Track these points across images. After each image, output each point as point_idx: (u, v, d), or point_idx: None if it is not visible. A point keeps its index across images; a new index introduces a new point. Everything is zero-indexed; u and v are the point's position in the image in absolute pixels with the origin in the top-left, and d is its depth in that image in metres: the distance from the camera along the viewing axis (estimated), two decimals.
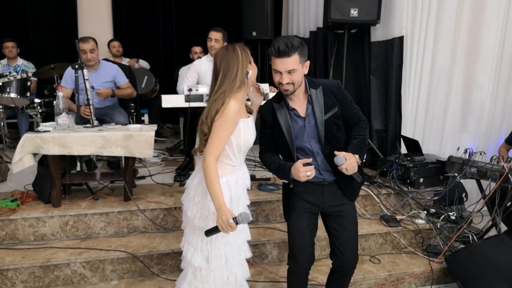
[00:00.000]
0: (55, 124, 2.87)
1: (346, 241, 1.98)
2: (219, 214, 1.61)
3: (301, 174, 1.76)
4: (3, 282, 2.44)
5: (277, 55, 1.75)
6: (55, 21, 5.82)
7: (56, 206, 2.80)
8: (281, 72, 1.77)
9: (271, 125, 1.91)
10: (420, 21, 3.63)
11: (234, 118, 1.69)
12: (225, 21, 5.72)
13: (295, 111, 1.89)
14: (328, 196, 1.94)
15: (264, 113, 1.94)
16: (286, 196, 2.02)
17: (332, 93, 1.89)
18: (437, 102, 3.84)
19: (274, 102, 1.91)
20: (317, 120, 1.86)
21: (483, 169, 2.95)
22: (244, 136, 1.74)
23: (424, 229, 3.05)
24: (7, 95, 4.11)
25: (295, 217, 1.98)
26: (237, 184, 1.79)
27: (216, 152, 1.69)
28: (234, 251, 1.81)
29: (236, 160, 1.78)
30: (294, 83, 1.79)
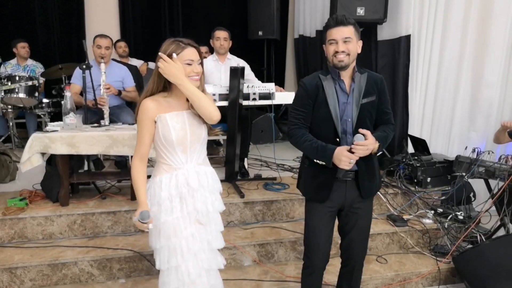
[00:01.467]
0: (63, 124, 2.89)
1: (358, 239, 2.01)
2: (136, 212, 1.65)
3: (344, 158, 1.70)
4: (12, 280, 2.46)
5: (334, 24, 1.78)
6: (63, 22, 5.85)
7: (64, 205, 2.82)
8: (337, 42, 1.78)
9: (313, 97, 1.85)
10: (428, 19, 3.61)
11: (146, 114, 1.66)
12: (231, 20, 5.73)
13: (342, 83, 1.86)
14: (350, 193, 1.92)
15: (307, 83, 1.88)
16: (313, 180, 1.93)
17: (375, 83, 1.90)
18: (445, 101, 3.81)
19: (321, 74, 1.88)
20: (355, 101, 1.85)
21: (491, 169, 2.92)
22: (162, 132, 1.67)
23: (431, 229, 3.03)
24: (16, 95, 4.15)
25: (316, 217, 1.96)
26: (170, 184, 1.70)
27: (138, 152, 1.70)
28: (186, 258, 1.71)
29: (170, 159, 1.71)
30: (349, 53, 1.79)
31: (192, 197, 1.73)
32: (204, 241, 1.78)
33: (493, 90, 3.69)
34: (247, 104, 3.28)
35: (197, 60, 1.68)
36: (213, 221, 1.81)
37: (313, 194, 1.96)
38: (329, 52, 1.82)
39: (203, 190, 1.76)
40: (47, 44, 5.83)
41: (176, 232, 1.70)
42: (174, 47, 1.65)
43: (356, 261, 2.06)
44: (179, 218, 1.71)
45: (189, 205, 1.73)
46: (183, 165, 1.72)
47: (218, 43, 3.69)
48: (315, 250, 1.98)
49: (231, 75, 3.14)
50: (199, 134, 1.73)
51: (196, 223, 1.76)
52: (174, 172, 1.71)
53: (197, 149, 1.75)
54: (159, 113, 1.66)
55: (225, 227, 2.90)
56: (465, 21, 3.64)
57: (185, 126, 1.69)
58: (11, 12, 5.62)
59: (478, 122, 3.78)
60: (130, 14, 6.08)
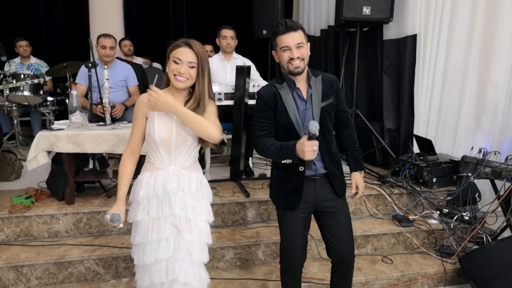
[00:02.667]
0: (69, 122, 2.90)
1: (342, 236, 1.98)
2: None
3: (307, 149, 1.61)
4: (18, 278, 2.47)
5: (285, 31, 1.77)
6: (68, 20, 5.87)
7: (70, 204, 2.83)
8: (290, 49, 1.77)
9: (273, 106, 1.85)
10: (434, 18, 3.59)
11: (139, 110, 1.68)
12: (235, 19, 5.71)
13: (299, 91, 1.86)
14: (320, 192, 1.92)
15: (264, 94, 1.87)
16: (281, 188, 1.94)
17: (330, 84, 1.91)
18: (451, 101, 3.79)
19: (276, 83, 1.88)
20: (314, 105, 1.85)
21: (497, 169, 2.90)
22: (148, 129, 1.68)
23: (437, 230, 3.02)
24: (21, 94, 4.16)
25: (290, 220, 1.95)
26: (149, 183, 1.68)
27: (128, 146, 1.73)
28: (154, 262, 1.67)
29: (154, 157, 1.70)
30: (304, 58, 1.79)
31: (168, 200, 1.67)
32: (181, 250, 1.68)
33: (499, 90, 3.67)
34: (252, 104, 3.27)
35: (188, 62, 1.60)
36: (196, 230, 1.70)
37: (283, 203, 1.96)
38: (283, 59, 1.80)
39: (183, 195, 1.69)
40: (51, 42, 5.85)
41: (149, 232, 1.68)
42: (173, 45, 1.64)
43: (348, 261, 2.03)
44: (154, 219, 1.68)
45: (166, 208, 1.67)
46: (166, 166, 1.69)
47: (224, 42, 3.69)
48: (292, 254, 1.98)
49: (237, 74, 3.14)
50: (185, 138, 1.68)
51: (172, 228, 1.68)
52: (155, 172, 1.70)
53: (182, 152, 1.70)
54: (151, 110, 1.65)
55: (230, 226, 2.95)
56: (472, 21, 3.62)
57: (171, 128, 1.66)
58: (16, 11, 5.64)
59: (484, 122, 3.76)
60: (135, 13, 6.09)
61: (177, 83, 1.62)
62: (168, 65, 1.63)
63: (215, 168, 3.89)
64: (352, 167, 2.05)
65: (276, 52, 1.85)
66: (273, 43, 1.84)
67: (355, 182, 2.02)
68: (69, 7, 5.82)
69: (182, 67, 1.60)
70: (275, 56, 1.87)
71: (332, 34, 4.75)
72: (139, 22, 6.13)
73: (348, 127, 2.04)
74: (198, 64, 1.62)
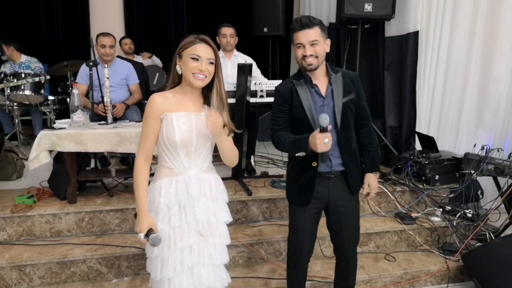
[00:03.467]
0: (70, 121, 2.89)
1: (347, 234, 2.01)
2: (136, 220, 1.53)
3: (318, 141, 1.62)
4: (21, 277, 2.47)
5: (299, 28, 1.77)
6: (68, 19, 5.85)
7: (72, 203, 2.82)
8: (304, 46, 1.78)
9: (289, 101, 1.87)
10: (436, 15, 3.58)
11: (153, 111, 1.55)
12: (236, 17, 5.69)
13: (316, 88, 1.86)
14: (334, 190, 1.92)
15: (281, 89, 1.90)
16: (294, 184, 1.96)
17: (351, 80, 1.91)
18: (453, 97, 3.78)
19: (293, 79, 1.89)
20: (335, 102, 1.85)
21: (500, 166, 2.90)
22: (166, 132, 1.56)
23: (440, 227, 3.01)
24: (22, 93, 4.15)
25: (300, 214, 1.97)
26: (169, 190, 1.59)
27: (142, 150, 1.58)
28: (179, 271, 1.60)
29: (172, 162, 1.60)
30: (317, 56, 1.79)
31: (192, 206, 1.60)
32: (205, 255, 1.63)
33: (501, 87, 3.66)
34: (254, 102, 3.27)
35: (207, 59, 1.53)
36: (217, 233, 1.66)
37: (295, 198, 1.98)
38: (297, 56, 1.82)
39: (205, 199, 1.63)
40: (52, 41, 5.83)
41: (171, 243, 1.58)
42: (187, 41, 1.56)
43: (349, 257, 2.08)
44: (175, 228, 1.59)
45: (189, 214, 1.60)
46: (186, 170, 1.61)
47: (224, 40, 3.67)
48: (299, 248, 2.01)
49: (239, 72, 3.13)
50: (206, 139, 1.61)
51: (196, 234, 1.62)
52: (175, 177, 1.60)
53: (202, 155, 1.63)
54: (166, 111, 1.55)
55: (232, 224, 2.94)
56: (474, 17, 3.61)
57: (192, 128, 1.57)
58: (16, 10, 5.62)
59: (486, 119, 3.75)
60: (135, 11, 6.07)
61: (197, 81, 1.54)
62: (183, 64, 1.54)
63: (217, 166, 3.78)
64: (367, 168, 2.02)
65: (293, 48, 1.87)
66: (291, 39, 1.85)
67: (368, 183, 2.00)
68: (69, 5, 5.80)
69: (203, 64, 1.52)
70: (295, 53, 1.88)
71: (333, 31, 4.73)
72: (139, 21, 6.11)
73: (366, 126, 2.01)
74: (216, 60, 1.57)
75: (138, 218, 1.53)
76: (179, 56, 1.57)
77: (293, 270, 2.10)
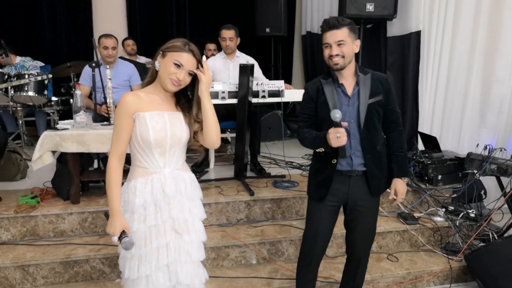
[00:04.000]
0: (73, 122, 2.90)
1: (362, 234, 2.05)
2: (108, 222, 1.52)
3: (331, 135, 1.70)
4: (25, 277, 2.48)
5: (327, 28, 1.82)
6: (71, 20, 5.89)
7: (75, 203, 2.83)
8: (330, 45, 1.81)
9: (315, 99, 1.91)
10: (438, 14, 3.57)
11: (124, 110, 1.53)
12: (238, 17, 5.70)
13: (342, 87, 1.88)
14: (354, 189, 1.94)
15: (309, 87, 1.96)
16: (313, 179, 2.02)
17: (380, 82, 1.92)
18: (455, 97, 3.77)
19: (322, 78, 1.93)
20: (361, 102, 1.86)
21: (503, 166, 2.89)
22: (139, 131, 1.54)
23: (442, 227, 3.01)
24: (25, 94, 4.17)
25: (317, 209, 1.99)
26: (145, 189, 1.58)
27: (115, 150, 1.56)
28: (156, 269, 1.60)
29: (146, 161, 1.59)
30: (344, 55, 1.81)
31: (168, 204, 1.60)
32: (182, 252, 1.64)
33: (504, 86, 3.64)
34: (256, 102, 3.27)
35: (188, 70, 1.54)
36: (193, 230, 1.67)
37: (313, 193, 2.03)
38: (324, 55, 1.87)
39: (180, 197, 1.64)
40: (54, 43, 5.86)
41: (147, 242, 1.58)
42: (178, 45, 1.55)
43: (361, 257, 2.11)
44: (151, 227, 1.59)
45: (164, 213, 1.60)
46: (161, 169, 1.60)
47: (224, 43, 3.68)
48: (314, 243, 2.03)
49: (241, 73, 3.13)
50: (180, 137, 1.61)
51: (172, 232, 1.63)
52: (149, 176, 1.59)
53: (176, 153, 1.64)
54: (138, 110, 1.54)
55: (234, 225, 2.95)
56: (476, 16, 3.60)
57: (166, 127, 1.57)
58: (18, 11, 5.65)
59: (489, 119, 3.74)
60: (137, 12, 6.10)
61: (172, 87, 1.55)
62: (164, 64, 1.54)
63: (219, 166, 3.89)
64: (395, 173, 2.01)
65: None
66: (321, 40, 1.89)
67: (395, 188, 2.00)
68: (72, 7, 5.84)
69: (182, 73, 1.54)
70: None
71: None
72: (142, 22, 6.14)
73: (395, 129, 2.00)
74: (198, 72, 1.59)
75: (111, 220, 1.53)
76: (163, 54, 1.57)
77: (303, 266, 2.11)
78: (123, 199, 1.60)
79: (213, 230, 2.83)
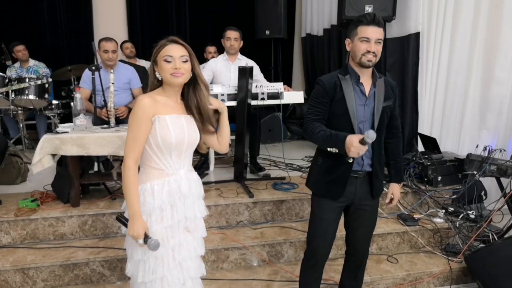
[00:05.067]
0: (73, 125, 2.92)
1: (362, 235, 2.05)
2: (130, 225, 1.53)
3: (353, 149, 1.64)
4: (25, 280, 2.49)
5: (371, 22, 1.78)
6: (71, 23, 5.91)
7: (75, 206, 2.84)
8: (369, 41, 1.78)
9: (331, 95, 1.85)
10: (437, 16, 3.57)
11: (143, 113, 1.54)
12: (238, 20, 5.72)
13: (361, 86, 1.87)
14: (360, 190, 1.94)
15: (325, 81, 1.88)
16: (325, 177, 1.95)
17: (391, 88, 1.94)
18: (455, 98, 3.77)
19: (339, 74, 1.89)
20: (376, 104, 1.86)
21: (503, 167, 2.88)
22: (160, 134, 1.56)
23: (442, 228, 3.00)
24: (26, 97, 4.19)
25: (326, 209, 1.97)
26: (163, 191, 1.60)
27: (132, 153, 1.56)
28: (171, 268, 1.63)
29: (164, 163, 1.61)
30: (377, 55, 1.81)
31: (183, 204, 1.65)
32: (191, 249, 1.70)
33: (504, 87, 3.63)
34: (255, 104, 3.28)
35: (179, 57, 1.57)
36: (199, 227, 1.75)
37: (325, 191, 1.96)
38: (359, 49, 1.80)
39: (192, 196, 1.70)
40: (55, 46, 5.89)
41: (164, 242, 1.60)
42: (158, 46, 1.61)
43: (362, 256, 2.11)
44: (167, 227, 1.62)
45: (180, 212, 1.64)
46: (176, 171, 1.64)
47: (228, 43, 3.69)
48: (321, 244, 2.02)
49: (240, 75, 3.15)
50: (195, 139, 1.67)
51: (184, 230, 1.68)
52: (166, 178, 1.62)
53: (189, 155, 1.69)
54: (156, 113, 1.57)
55: (234, 227, 2.95)
56: (475, 17, 3.59)
57: (184, 130, 1.61)
58: (20, 15, 5.68)
59: (489, 120, 3.73)
60: (138, 15, 6.12)
61: (175, 79, 1.57)
62: (160, 68, 1.58)
63: (219, 169, 3.89)
64: (393, 178, 2.08)
65: (350, 40, 1.85)
66: (352, 31, 1.84)
67: (392, 192, 2.08)
68: (73, 10, 5.87)
69: (176, 63, 1.56)
70: (348, 45, 1.87)
71: (335, 34, 4.74)
72: (142, 25, 6.16)
73: (396, 136, 2.04)
74: (190, 56, 1.61)
75: (132, 223, 1.53)
76: (155, 63, 1.60)
77: (308, 268, 2.09)
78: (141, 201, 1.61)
79: (212, 232, 2.83)
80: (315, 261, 2.06)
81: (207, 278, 2.47)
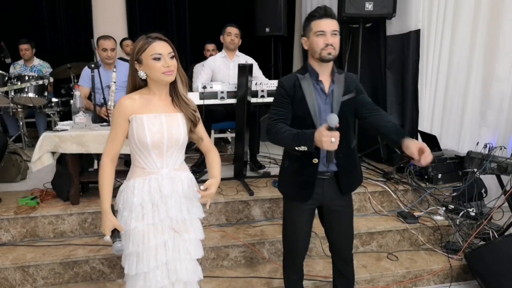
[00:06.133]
0: (72, 123, 2.91)
1: (342, 234, 2.03)
2: (102, 221, 1.58)
3: (324, 139, 1.56)
4: (25, 278, 2.49)
5: (324, 15, 1.77)
6: (71, 21, 5.89)
7: (75, 204, 2.84)
8: (325, 34, 1.76)
9: (291, 95, 1.83)
10: (437, 13, 3.56)
11: (121, 113, 1.58)
12: (238, 17, 5.69)
13: (321, 85, 1.85)
14: (328, 191, 1.92)
15: (285, 81, 1.87)
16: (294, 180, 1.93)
17: (353, 81, 1.91)
18: (455, 96, 3.76)
19: (298, 73, 1.88)
20: (334, 100, 1.84)
21: (503, 164, 2.88)
22: (137, 133, 1.58)
23: (442, 226, 3.00)
24: (26, 95, 4.18)
25: (296, 210, 1.97)
26: (143, 189, 1.62)
27: (109, 150, 1.61)
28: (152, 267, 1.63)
29: (144, 162, 1.63)
30: (335, 48, 1.78)
31: (164, 203, 1.64)
32: (181, 251, 1.68)
33: (504, 85, 3.63)
34: (255, 102, 3.27)
35: (168, 54, 1.57)
36: (191, 229, 1.71)
37: (294, 194, 1.96)
38: (317, 44, 1.77)
39: (177, 196, 1.67)
40: (55, 44, 5.87)
41: (145, 240, 1.61)
42: (142, 44, 1.59)
43: (346, 254, 2.09)
44: (149, 226, 1.62)
45: (162, 212, 1.63)
46: (158, 169, 1.64)
47: (229, 38, 3.69)
48: (295, 245, 2.03)
49: (239, 73, 3.13)
50: (177, 139, 1.64)
51: (170, 231, 1.66)
52: (147, 176, 1.63)
53: (174, 154, 1.67)
54: (134, 113, 1.58)
55: (234, 225, 2.95)
56: (476, 15, 3.59)
57: (162, 129, 1.60)
58: (19, 12, 5.66)
59: (489, 117, 3.73)
60: (137, 13, 6.10)
61: (168, 77, 1.58)
62: (147, 66, 1.57)
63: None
64: (399, 137, 1.75)
65: (307, 39, 1.83)
66: (306, 28, 1.82)
67: (413, 147, 1.68)
68: (72, 8, 5.84)
69: (166, 60, 1.56)
70: (305, 43, 1.85)
71: None
72: (142, 23, 6.14)
73: (377, 110, 1.89)
74: (175, 52, 1.61)
75: (102, 220, 1.58)
76: (138, 61, 1.59)
77: (288, 268, 2.11)
78: (122, 197, 1.66)
79: (212, 230, 2.83)
80: (292, 262, 2.07)
81: (207, 276, 2.48)
